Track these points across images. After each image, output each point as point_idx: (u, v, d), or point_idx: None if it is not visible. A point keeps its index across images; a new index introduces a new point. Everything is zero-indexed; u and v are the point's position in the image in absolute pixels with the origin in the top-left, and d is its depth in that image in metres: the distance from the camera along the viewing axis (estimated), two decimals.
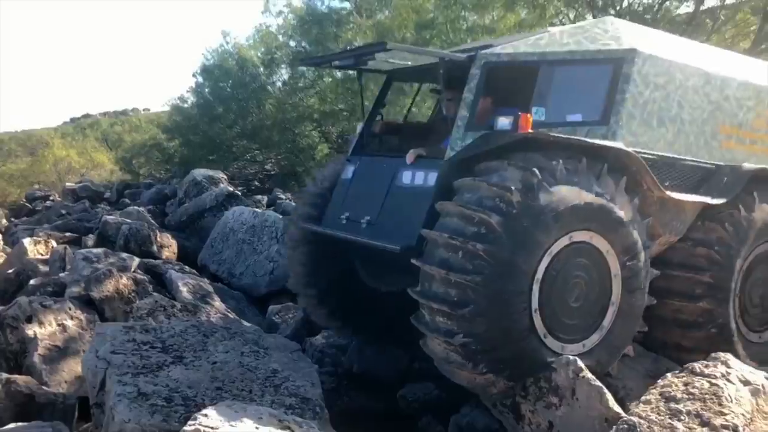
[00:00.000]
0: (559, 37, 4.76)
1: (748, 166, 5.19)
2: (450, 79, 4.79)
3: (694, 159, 5.07)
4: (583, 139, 4.44)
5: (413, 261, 4.17)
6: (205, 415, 3.16)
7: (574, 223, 4.16)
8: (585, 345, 4.35)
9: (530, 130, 4.31)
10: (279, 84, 19.79)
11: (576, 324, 4.30)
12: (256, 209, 10.08)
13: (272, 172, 19.49)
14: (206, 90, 20.74)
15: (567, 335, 4.27)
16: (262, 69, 19.59)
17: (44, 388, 5.18)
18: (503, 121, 4.39)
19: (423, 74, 5.92)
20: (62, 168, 25.57)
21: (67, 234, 11.01)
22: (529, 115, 4.35)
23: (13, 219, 16.15)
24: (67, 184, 20.50)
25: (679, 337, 4.95)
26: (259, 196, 13.99)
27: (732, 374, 4.03)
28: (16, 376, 5.11)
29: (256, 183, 18.18)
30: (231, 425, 3.09)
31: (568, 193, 4.11)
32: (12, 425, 4.28)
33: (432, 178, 4.62)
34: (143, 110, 52.25)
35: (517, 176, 4.06)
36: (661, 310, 4.72)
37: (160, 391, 3.91)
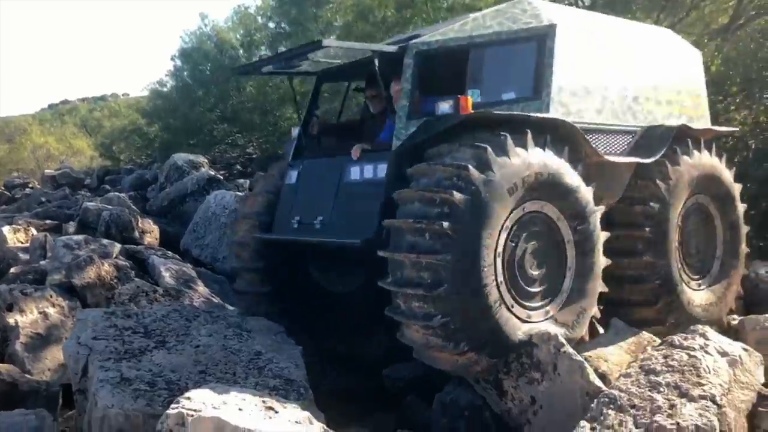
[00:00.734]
0: (482, 21, 4.95)
1: (669, 124, 5.49)
2: (372, 76, 4.93)
3: (621, 123, 5.30)
4: (522, 113, 4.56)
5: (380, 253, 4.22)
6: (189, 398, 3.17)
7: (527, 194, 4.30)
8: (548, 311, 4.48)
9: (471, 111, 4.42)
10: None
11: (538, 291, 4.46)
12: (238, 193, 10.03)
13: (254, 156, 19.36)
14: (185, 73, 20.54)
15: (531, 302, 4.41)
16: (241, 51, 19.41)
17: (27, 376, 5.16)
18: (443, 106, 4.47)
19: (352, 72, 6.05)
20: (41, 155, 25.31)
21: (48, 221, 10.88)
22: (468, 96, 4.47)
23: None
24: (47, 171, 20.26)
25: (627, 292, 5.15)
26: (241, 180, 13.89)
27: (710, 346, 4.12)
28: None
29: (238, 167, 18.03)
30: (214, 407, 3.10)
31: (520, 166, 4.24)
32: None
33: (381, 170, 4.73)
34: (122, 95, 51.61)
35: (470, 154, 4.17)
36: (607, 269, 4.88)
37: (143, 376, 3.91)
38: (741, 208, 6.00)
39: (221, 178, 12.05)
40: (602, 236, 4.73)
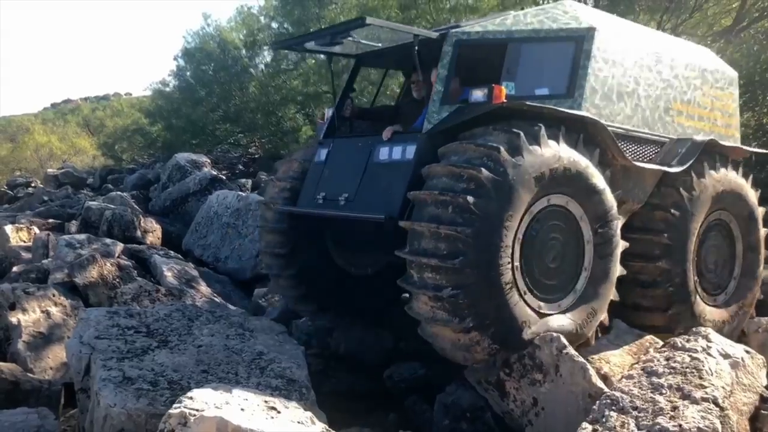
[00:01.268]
0: (523, 18, 5.03)
1: (699, 138, 5.52)
2: (420, 62, 4.94)
3: (650, 132, 5.36)
4: (556, 108, 4.62)
5: (401, 223, 4.28)
6: (191, 398, 3.16)
7: (553, 186, 4.35)
8: (561, 305, 4.49)
9: (505, 101, 4.47)
10: (262, 66, 19.62)
11: (552, 284, 4.47)
12: (241, 193, 10.03)
13: (256, 156, 19.38)
14: (188, 73, 20.54)
15: (544, 294, 4.42)
16: (244, 51, 19.41)
17: (29, 375, 5.17)
18: (477, 94, 4.56)
19: (390, 58, 6.07)
20: (44, 154, 25.33)
21: (50, 220, 10.91)
22: (502, 86, 4.53)
23: None
24: (49, 170, 20.27)
25: (639, 296, 5.15)
26: (243, 180, 13.90)
27: (712, 348, 4.11)
28: (1, 363, 5.10)
29: (240, 166, 18.04)
30: (216, 407, 3.09)
31: (550, 157, 4.28)
32: None
33: (410, 151, 4.78)
34: (125, 95, 51.60)
35: (503, 138, 4.24)
36: (622, 272, 4.89)
37: (145, 375, 3.91)
38: (763, 231, 5.93)
39: (223, 178, 12.07)
40: (621, 245, 4.76)
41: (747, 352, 4.28)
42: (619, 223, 4.73)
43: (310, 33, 5.72)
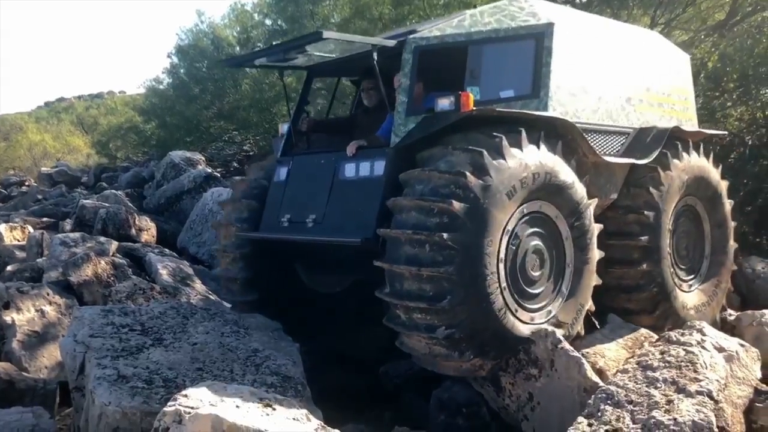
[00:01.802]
0: (480, 17, 4.88)
1: (662, 125, 5.50)
2: (369, 69, 4.85)
3: (615, 124, 5.31)
4: (525, 111, 4.54)
5: (376, 263, 4.15)
6: (186, 396, 3.15)
7: (525, 196, 4.27)
8: (550, 311, 4.48)
9: (473, 108, 4.32)
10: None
11: (539, 292, 4.45)
12: None
13: (251, 153, 19.30)
14: (182, 71, 20.43)
15: (533, 304, 4.40)
16: (238, 48, 19.31)
17: (24, 374, 5.16)
18: (443, 103, 4.38)
19: (343, 67, 5.91)
20: (37, 153, 25.24)
21: (44, 219, 10.88)
22: (470, 92, 4.39)
23: None
24: (43, 169, 20.22)
25: (625, 301, 5.17)
26: (238, 177, 13.87)
27: (707, 342, 4.12)
28: None
29: (235, 164, 17.97)
30: (211, 404, 3.09)
31: (517, 168, 4.19)
32: None
33: (379, 167, 4.61)
34: (119, 93, 51.37)
35: (466, 159, 4.10)
36: (605, 279, 4.90)
37: (140, 374, 3.90)
38: (728, 204, 6.01)
39: (218, 175, 12.03)
40: (596, 228, 4.74)
41: (741, 345, 4.29)
42: (591, 209, 4.67)
43: (263, 49, 5.65)
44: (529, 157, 4.27)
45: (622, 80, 5.41)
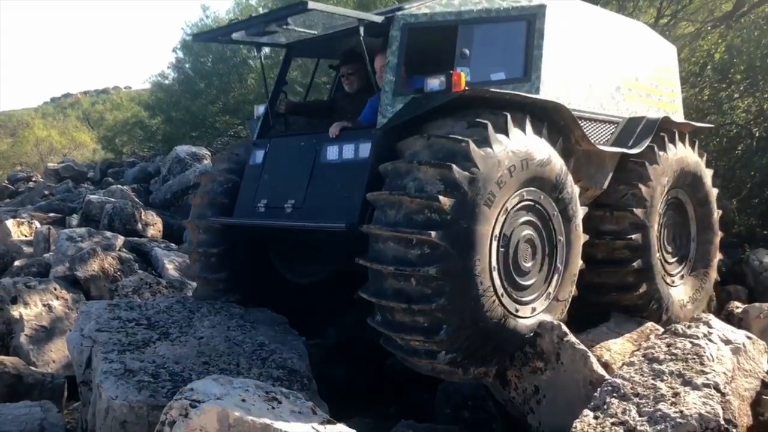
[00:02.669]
0: None
1: (652, 116, 5.34)
2: (350, 52, 4.66)
3: (604, 113, 5.13)
4: (517, 93, 4.30)
5: (360, 261, 3.91)
6: (192, 389, 3.16)
7: (507, 193, 3.99)
8: (549, 293, 4.33)
9: (465, 88, 4.05)
10: (261, 57, 19.51)
11: (535, 280, 4.26)
12: None
13: None
14: (187, 66, 20.47)
15: (531, 295, 4.23)
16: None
17: (32, 368, 5.19)
18: (433, 83, 4.10)
19: (324, 46, 5.61)
20: (44, 148, 25.30)
21: (51, 214, 10.94)
22: (462, 72, 4.11)
23: None
24: (50, 164, 20.27)
25: (616, 298, 4.98)
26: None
27: (713, 334, 4.11)
28: (3, 357, 5.13)
29: None
30: (217, 398, 3.09)
31: (497, 165, 3.90)
32: (0, 405, 4.28)
33: (364, 149, 4.33)
34: (124, 88, 51.54)
35: (435, 176, 3.77)
36: (595, 278, 4.80)
37: (146, 368, 3.92)
38: (714, 191, 5.83)
39: None
40: (581, 210, 4.53)
41: (748, 337, 4.27)
42: (574, 190, 4.43)
43: (241, 21, 5.10)
44: (513, 148, 3.97)
45: (612, 69, 5.27)
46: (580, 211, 4.52)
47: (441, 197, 3.68)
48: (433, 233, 3.64)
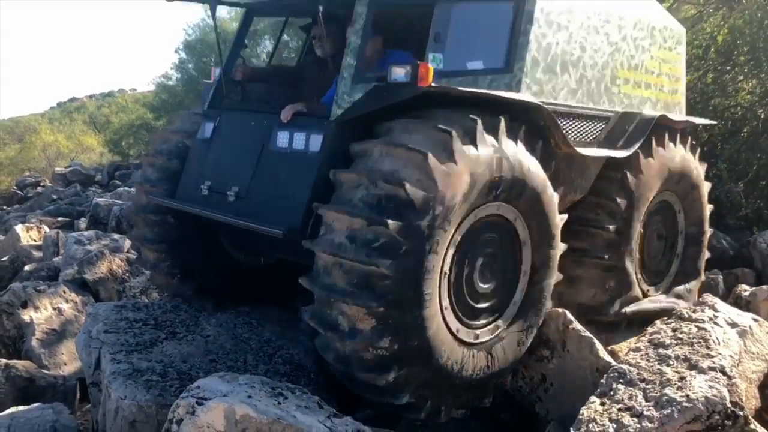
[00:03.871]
0: None
1: (647, 113, 4.95)
2: (323, 11, 3.99)
3: (594, 107, 4.67)
4: (489, 92, 3.86)
5: (302, 281, 3.57)
6: (198, 387, 3.19)
7: (479, 201, 3.66)
8: (502, 323, 4.03)
9: (431, 84, 3.61)
10: (263, 56, 19.57)
11: (488, 305, 3.97)
12: None
13: None
14: (190, 66, 20.56)
15: (480, 319, 3.95)
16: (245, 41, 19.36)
17: (43, 371, 5.24)
18: (398, 72, 3.61)
19: (289, 7, 5.06)
20: (51, 153, 25.43)
21: (59, 218, 11.01)
22: (429, 64, 3.65)
23: (4, 207, 16.13)
24: (57, 169, 20.38)
25: (600, 295, 4.82)
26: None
27: (719, 317, 4.09)
28: (15, 361, 5.17)
29: None
30: (224, 395, 3.12)
31: (469, 170, 3.54)
32: (13, 409, 4.33)
33: (315, 142, 3.85)
34: (130, 90, 51.65)
35: (409, 160, 3.39)
36: (584, 272, 4.66)
37: (154, 367, 3.95)
38: (705, 186, 5.49)
39: None
40: (561, 218, 4.19)
41: (755, 320, 4.25)
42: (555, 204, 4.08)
43: None
44: (481, 161, 3.55)
45: (610, 56, 4.72)
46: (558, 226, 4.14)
47: (390, 221, 3.26)
48: (379, 263, 3.26)
